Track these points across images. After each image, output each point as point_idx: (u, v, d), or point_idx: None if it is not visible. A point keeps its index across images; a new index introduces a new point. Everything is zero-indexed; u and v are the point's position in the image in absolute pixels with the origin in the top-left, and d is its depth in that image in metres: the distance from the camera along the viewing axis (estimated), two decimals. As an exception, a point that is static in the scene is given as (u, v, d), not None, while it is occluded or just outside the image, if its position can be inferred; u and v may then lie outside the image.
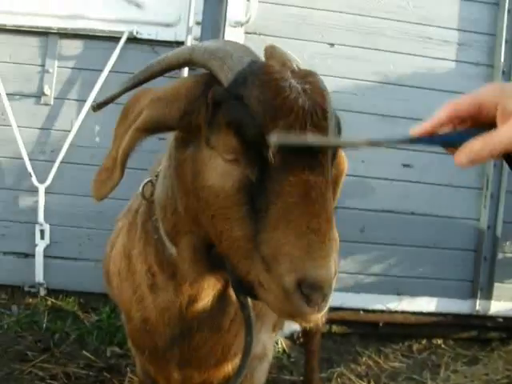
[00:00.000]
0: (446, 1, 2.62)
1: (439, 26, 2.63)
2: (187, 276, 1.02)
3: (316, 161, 0.77)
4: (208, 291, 1.06)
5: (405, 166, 2.66)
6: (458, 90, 2.41)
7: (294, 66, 0.89)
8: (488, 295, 2.74)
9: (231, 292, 1.07)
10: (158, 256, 1.06)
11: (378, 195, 2.64)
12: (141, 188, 1.08)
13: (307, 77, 0.82)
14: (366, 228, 2.65)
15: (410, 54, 2.63)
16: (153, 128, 0.89)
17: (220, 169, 0.81)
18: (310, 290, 0.72)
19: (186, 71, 2.28)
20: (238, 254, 0.80)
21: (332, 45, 2.61)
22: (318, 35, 2.59)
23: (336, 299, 2.57)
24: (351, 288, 2.64)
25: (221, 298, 1.09)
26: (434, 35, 2.64)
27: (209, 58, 0.86)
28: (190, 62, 0.90)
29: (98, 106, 1.04)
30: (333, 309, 2.37)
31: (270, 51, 1.02)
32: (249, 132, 0.77)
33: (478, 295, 2.74)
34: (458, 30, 2.64)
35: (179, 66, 0.93)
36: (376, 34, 2.62)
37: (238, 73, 0.81)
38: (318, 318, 0.76)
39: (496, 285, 2.74)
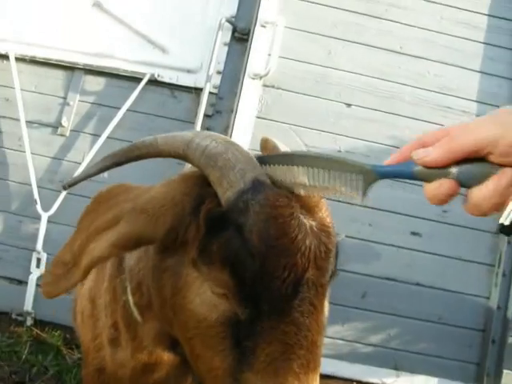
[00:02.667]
0: (466, 72, 2.62)
1: (458, 97, 2.61)
2: (148, 346, 0.95)
3: (313, 306, 0.70)
4: (166, 365, 1.00)
5: (413, 233, 2.57)
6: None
7: (301, 191, 0.74)
8: (496, 382, 2.55)
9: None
10: (124, 317, 0.98)
11: (383, 261, 2.54)
12: None
13: (315, 210, 0.74)
14: (367, 294, 2.54)
15: (427, 122, 2.61)
16: (132, 245, 0.78)
17: (205, 298, 0.72)
18: None
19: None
20: (214, 381, 0.73)
21: (349, 105, 2.61)
22: (336, 94, 2.61)
23: (329, 366, 2.44)
24: (346, 356, 2.50)
25: (179, 368, 1.02)
26: (453, 105, 2.62)
27: (206, 165, 0.74)
28: (183, 158, 0.78)
29: (69, 185, 0.96)
30: (324, 376, 2.24)
31: (264, 145, 0.98)
32: (246, 273, 0.68)
33: (485, 381, 2.55)
34: (477, 101, 2.61)
35: (170, 157, 0.81)
36: (394, 99, 2.62)
37: (239, 195, 0.70)
38: None
39: (505, 372, 2.55)
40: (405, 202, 2.56)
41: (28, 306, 2.49)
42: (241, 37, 2.66)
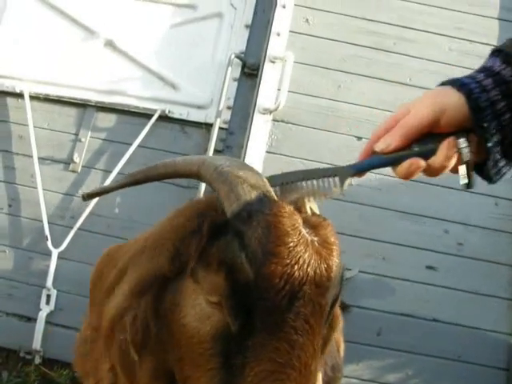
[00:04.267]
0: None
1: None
2: None
3: (308, 324, 0.67)
4: None
5: (428, 267, 2.51)
6: (484, 191, 2.32)
7: (308, 208, 0.78)
8: (521, 424, 2.43)
9: None
10: (122, 359, 0.93)
11: (398, 297, 2.48)
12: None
13: (319, 228, 0.73)
14: (382, 331, 2.46)
15: (439, 154, 2.58)
16: (147, 286, 0.77)
17: (200, 309, 0.71)
18: None
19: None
20: None
21: (359, 138, 2.60)
22: (346, 128, 2.60)
23: (345, 407, 2.35)
24: (362, 397, 2.41)
25: None
26: (464, 137, 2.59)
27: (217, 179, 0.75)
28: (196, 176, 0.80)
29: (88, 196, 0.98)
30: (340, 418, 2.15)
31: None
32: (241, 278, 0.66)
33: (510, 423, 2.43)
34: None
35: (185, 176, 0.82)
36: (405, 131, 2.60)
37: (245, 205, 0.70)
38: None
39: (531, 413, 2.44)
40: (419, 236, 2.51)
41: (37, 343, 2.46)
42: (250, 72, 2.69)
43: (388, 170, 2.61)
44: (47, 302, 2.51)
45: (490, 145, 0.71)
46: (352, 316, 2.33)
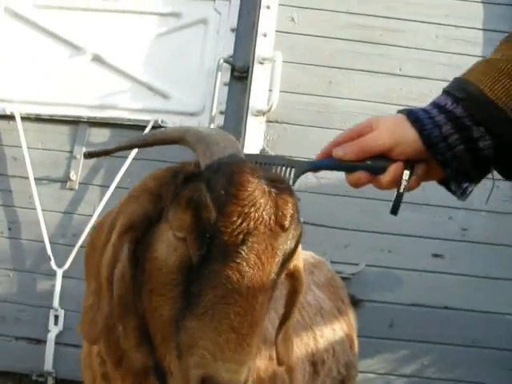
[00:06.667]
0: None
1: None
2: (134, 362, 0.92)
3: (259, 260, 0.75)
4: None
5: (435, 255, 2.50)
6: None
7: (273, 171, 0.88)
8: (540, 405, 2.42)
9: None
10: (106, 335, 0.95)
11: (407, 288, 2.46)
12: None
13: (277, 182, 0.81)
14: (394, 323, 2.45)
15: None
16: (136, 225, 0.84)
17: (168, 243, 0.80)
18: None
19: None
20: (161, 334, 0.80)
21: (355, 132, 2.59)
22: (341, 123, 2.59)
23: (363, 403, 2.33)
24: (380, 390, 2.40)
25: None
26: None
27: (197, 141, 0.88)
28: (182, 140, 0.92)
29: (89, 155, 1.07)
30: (359, 414, 2.13)
31: None
32: (204, 214, 0.76)
33: (529, 405, 2.42)
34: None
35: (172, 141, 0.95)
36: (399, 121, 2.60)
37: (216, 160, 0.82)
38: None
39: (550, 394, 2.43)
40: (422, 224, 2.50)
41: (48, 365, 2.44)
42: (240, 75, 2.69)
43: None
44: (55, 323, 2.48)
45: (448, 172, 0.80)
46: (363, 310, 2.31)
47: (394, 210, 0.84)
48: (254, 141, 2.51)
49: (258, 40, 2.60)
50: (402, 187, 0.82)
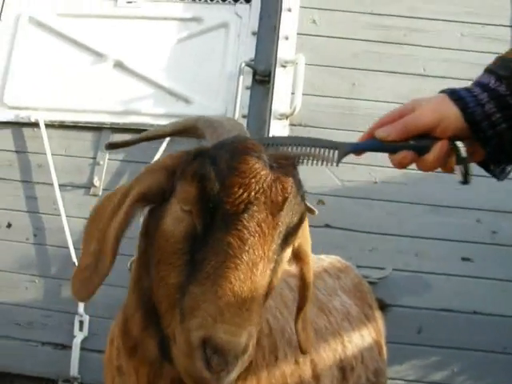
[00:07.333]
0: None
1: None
2: (146, 351, 0.93)
3: (260, 228, 0.78)
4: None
5: (464, 259, 2.44)
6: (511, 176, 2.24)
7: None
8: None
9: None
10: (121, 326, 1.00)
11: (435, 292, 2.41)
12: (128, 264, 1.09)
13: (280, 158, 0.85)
14: (423, 329, 2.39)
15: (462, 142, 2.52)
16: (150, 196, 0.90)
17: (175, 215, 0.84)
18: (213, 353, 0.72)
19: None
20: (167, 302, 0.83)
21: (379, 134, 2.55)
22: (364, 125, 2.53)
23: (393, 410, 2.28)
24: (409, 398, 2.34)
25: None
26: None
27: (206, 127, 0.96)
28: (194, 128, 0.99)
29: (110, 146, 1.15)
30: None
31: None
32: (208, 186, 0.80)
33: None
34: None
35: (185, 130, 1.02)
36: (425, 123, 2.55)
37: (222, 140, 0.88)
38: None
39: None
40: (450, 227, 2.45)
41: (74, 370, 2.45)
42: (262, 79, 2.67)
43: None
44: (80, 329, 2.50)
45: (488, 150, 0.80)
46: (390, 315, 2.27)
47: (467, 181, 0.81)
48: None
49: (280, 43, 2.58)
50: (463, 153, 0.79)
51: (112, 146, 1.15)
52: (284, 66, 2.54)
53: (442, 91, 0.84)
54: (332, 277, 1.77)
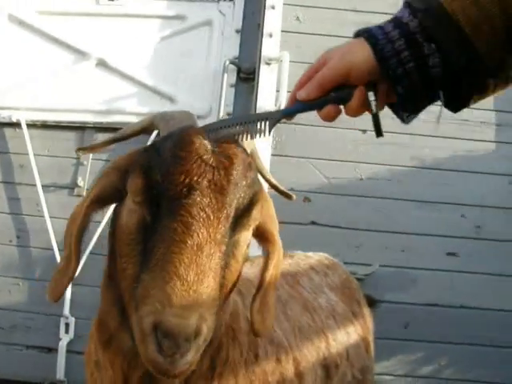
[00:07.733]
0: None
1: (475, 108, 2.54)
2: (121, 342, 0.94)
3: (204, 212, 0.79)
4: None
5: (449, 254, 2.46)
6: (498, 171, 2.27)
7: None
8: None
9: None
10: (98, 320, 1.02)
11: (422, 287, 2.42)
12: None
13: (227, 148, 0.86)
14: (410, 324, 2.41)
15: (445, 137, 2.54)
16: (105, 197, 0.95)
17: (129, 208, 0.87)
18: (163, 337, 0.73)
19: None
20: (127, 293, 0.85)
21: (364, 131, 2.56)
22: (349, 122, 2.54)
23: (382, 405, 2.29)
24: (398, 392, 2.36)
25: None
26: (470, 117, 2.55)
27: (160, 121, 1.00)
28: (152, 126, 1.03)
29: (80, 151, 1.22)
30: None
31: None
32: (153, 175, 0.83)
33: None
34: (495, 110, 2.54)
35: (147, 128, 1.05)
36: (410, 119, 2.56)
37: (170, 132, 0.91)
38: (177, 373, 0.75)
39: None
40: (435, 223, 2.46)
41: (60, 374, 2.42)
42: (246, 77, 2.66)
43: (397, 160, 2.55)
44: (66, 331, 2.46)
45: (398, 90, 0.79)
46: (377, 311, 2.28)
47: (379, 132, 0.82)
48: (262, 143, 2.48)
49: (264, 40, 2.57)
50: (374, 107, 0.80)
51: (82, 151, 1.22)
52: (268, 64, 2.53)
53: (357, 32, 0.83)
54: (319, 274, 1.77)
